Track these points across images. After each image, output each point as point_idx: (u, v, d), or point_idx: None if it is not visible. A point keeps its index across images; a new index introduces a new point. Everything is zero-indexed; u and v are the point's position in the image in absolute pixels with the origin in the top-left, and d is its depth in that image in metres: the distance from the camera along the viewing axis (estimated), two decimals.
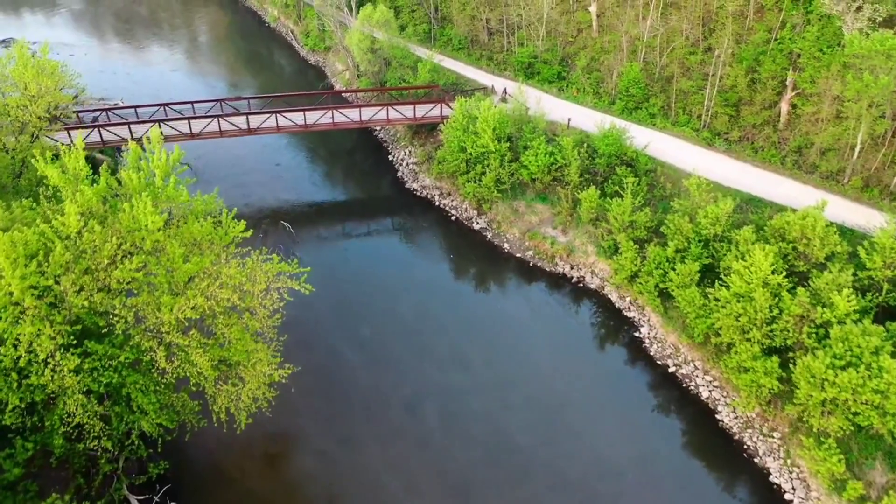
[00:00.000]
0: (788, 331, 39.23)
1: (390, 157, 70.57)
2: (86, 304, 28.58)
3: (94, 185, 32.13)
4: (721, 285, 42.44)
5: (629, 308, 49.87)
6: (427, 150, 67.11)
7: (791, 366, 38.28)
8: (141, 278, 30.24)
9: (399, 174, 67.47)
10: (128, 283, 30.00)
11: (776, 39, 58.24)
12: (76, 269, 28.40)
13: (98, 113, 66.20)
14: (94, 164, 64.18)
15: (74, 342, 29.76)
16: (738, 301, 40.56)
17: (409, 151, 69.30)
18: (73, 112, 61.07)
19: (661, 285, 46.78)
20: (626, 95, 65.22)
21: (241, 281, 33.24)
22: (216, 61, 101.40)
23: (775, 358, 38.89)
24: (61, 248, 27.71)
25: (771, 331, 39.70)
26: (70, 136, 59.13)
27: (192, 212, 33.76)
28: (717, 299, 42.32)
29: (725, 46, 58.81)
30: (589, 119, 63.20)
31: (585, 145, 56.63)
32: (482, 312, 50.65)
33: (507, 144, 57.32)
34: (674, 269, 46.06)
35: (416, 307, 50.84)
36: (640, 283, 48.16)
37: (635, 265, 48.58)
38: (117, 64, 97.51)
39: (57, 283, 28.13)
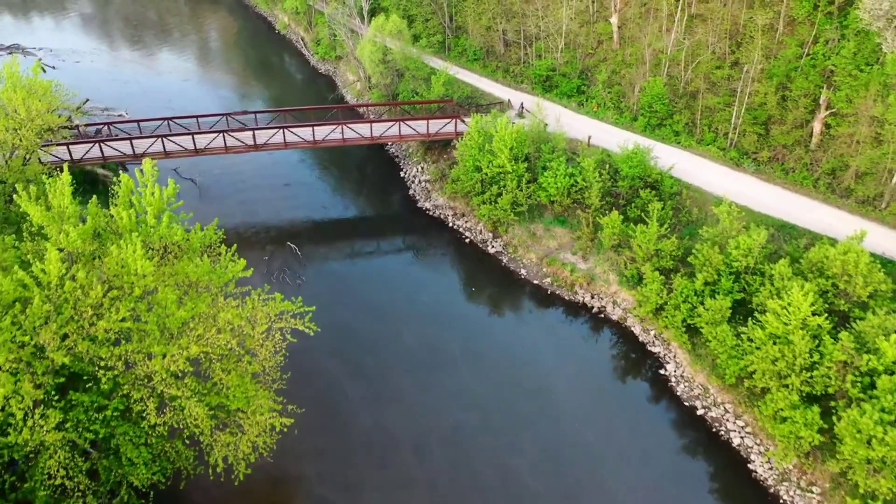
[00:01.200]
0: (830, 378, 36.29)
1: (402, 174, 67.96)
2: (68, 357, 26.13)
3: (84, 218, 29.60)
4: (755, 324, 39.56)
5: (653, 343, 47.01)
6: (440, 168, 64.47)
7: (834, 417, 35.36)
8: (131, 326, 27.74)
9: (411, 192, 64.84)
10: (116, 333, 27.50)
11: (808, 55, 55.25)
12: (58, 319, 25.96)
13: (100, 126, 63.87)
14: (94, 180, 62.31)
15: (56, 397, 27.33)
16: (775, 343, 37.67)
17: (422, 168, 66.68)
18: (74, 126, 58.78)
19: (689, 321, 43.91)
20: (648, 111, 62.38)
21: (240, 325, 30.71)
22: (225, 69, 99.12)
23: (816, 407, 35.99)
24: (40, 299, 25.29)
25: (811, 377, 36.77)
26: (70, 151, 56.98)
27: (189, 249, 31.20)
28: (750, 339, 39.45)
29: (755, 62, 55.84)
30: (610, 136, 60.47)
31: (607, 166, 53.78)
32: (495, 344, 47.80)
33: (525, 165, 54.60)
34: (703, 304, 43.21)
35: (425, 337, 48.17)
36: (666, 318, 45.29)
37: (661, 297, 45.72)
38: (125, 71, 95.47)
39: (35, 335, 25.67)
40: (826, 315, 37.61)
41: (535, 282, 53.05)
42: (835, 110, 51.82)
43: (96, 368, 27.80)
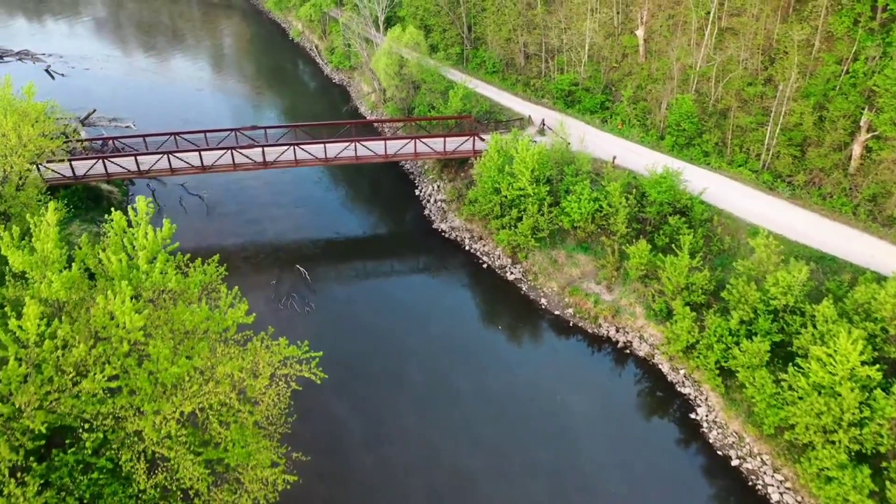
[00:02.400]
0: (882, 436, 33.27)
1: (417, 192, 65.28)
2: (47, 423, 23.66)
3: (72, 258, 27.12)
4: (797, 371, 36.59)
5: (683, 383, 44.05)
6: (457, 187, 61.74)
7: (886, 480, 32.35)
8: (120, 383, 25.24)
9: (426, 212, 62.15)
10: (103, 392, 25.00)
11: (847, 73, 52.07)
12: (36, 379, 23.51)
13: (104, 141, 61.67)
14: (98, 196, 60.10)
15: (36, 459, 24.87)
16: (819, 394, 34.72)
17: (438, 186, 63.99)
18: (78, 140, 56.61)
19: (724, 363, 40.94)
20: (676, 130, 59.37)
21: (240, 377, 28.17)
22: (238, 77, 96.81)
23: (866, 468, 33.00)
24: (15, 361, 22.82)
25: (860, 433, 33.76)
26: (72, 167, 54.80)
27: (186, 294, 28.67)
28: (791, 388, 36.49)
29: (792, 80, 52.70)
30: (636, 156, 57.58)
31: (634, 190, 50.85)
32: (511, 380, 44.82)
33: (547, 187, 51.79)
34: (738, 345, 40.29)
35: (435, 370, 45.35)
36: (698, 358, 42.32)
37: (692, 336, 42.76)
38: (136, 79, 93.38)
39: (10, 399, 23.22)
40: (876, 364, 34.58)
41: (557, 312, 50.19)
42: (877, 133, 48.66)
43: (81, 428, 25.30)
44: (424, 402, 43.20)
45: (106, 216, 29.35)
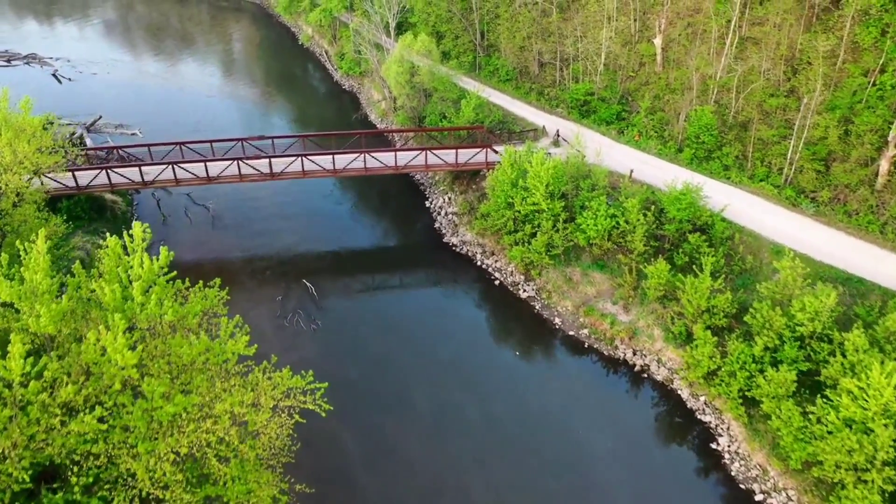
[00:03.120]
0: None
1: (427, 204, 63.64)
2: (31, 471, 22.17)
3: (61, 294, 25.64)
4: (826, 403, 34.77)
5: (703, 410, 42.24)
6: (469, 199, 60.11)
7: None
8: (113, 422, 23.75)
9: (437, 225, 60.51)
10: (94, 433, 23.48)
11: (875, 85, 50.14)
12: (21, 421, 22.04)
13: (108, 151, 60.42)
14: (102, 206, 58.82)
15: (24, 500, 23.43)
16: (851, 429, 32.89)
17: (449, 199, 62.36)
18: (78, 155, 55.26)
19: (747, 392, 39.12)
20: (695, 142, 57.54)
21: (241, 412, 26.65)
22: (247, 82, 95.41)
23: None
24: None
25: (895, 473, 31.93)
26: (75, 177, 53.57)
27: (184, 322, 27.17)
28: (820, 420, 34.67)
29: (817, 92, 50.78)
30: (653, 169, 55.84)
31: (653, 206, 49.02)
32: (522, 405, 42.97)
33: (562, 203, 50.07)
34: (762, 372, 38.50)
35: (443, 395, 43.53)
36: (720, 385, 40.48)
37: (713, 362, 40.94)
38: (144, 84, 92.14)
39: None
40: None
41: (571, 333, 48.45)
42: None
43: (70, 471, 23.82)
44: (432, 429, 41.53)
45: (102, 242, 27.82)
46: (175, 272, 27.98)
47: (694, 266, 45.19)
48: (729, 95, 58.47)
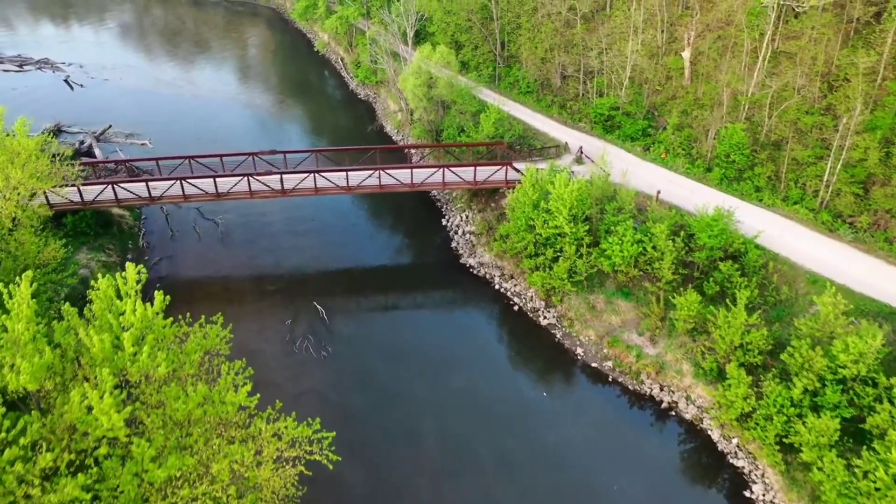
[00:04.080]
0: None
1: (444, 221, 61.33)
2: None
3: (49, 342, 23.50)
4: (873, 455, 32.11)
5: (736, 454, 39.61)
6: (487, 219, 57.74)
7: None
8: (99, 488, 21.65)
9: (453, 244, 58.15)
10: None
11: None
12: None
13: (115, 165, 58.70)
14: (108, 221, 57.03)
15: None
16: None
17: (467, 217, 60.00)
18: (88, 163, 53.64)
19: (786, 439, 36.47)
20: (725, 162, 54.89)
21: (241, 471, 24.48)
22: (261, 89, 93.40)
23: None
24: None
25: None
26: (80, 192, 51.78)
27: (180, 373, 25.03)
28: (867, 475, 32.01)
29: (857, 111, 47.98)
30: (681, 189, 53.35)
31: (682, 232, 46.38)
32: (538, 443, 40.43)
33: (586, 226, 47.58)
34: (800, 417, 35.87)
35: (454, 431, 41.10)
36: (755, 429, 37.83)
37: (748, 403, 38.31)
38: (157, 91, 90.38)
39: None
40: None
41: (594, 365, 45.94)
42: None
43: None
44: (442, 466, 39.16)
45: (92, 282, 25.71)
46: (171, 319, 25.75)
47: (726, 297, 42.62)
48: (761, 112, 55.77)
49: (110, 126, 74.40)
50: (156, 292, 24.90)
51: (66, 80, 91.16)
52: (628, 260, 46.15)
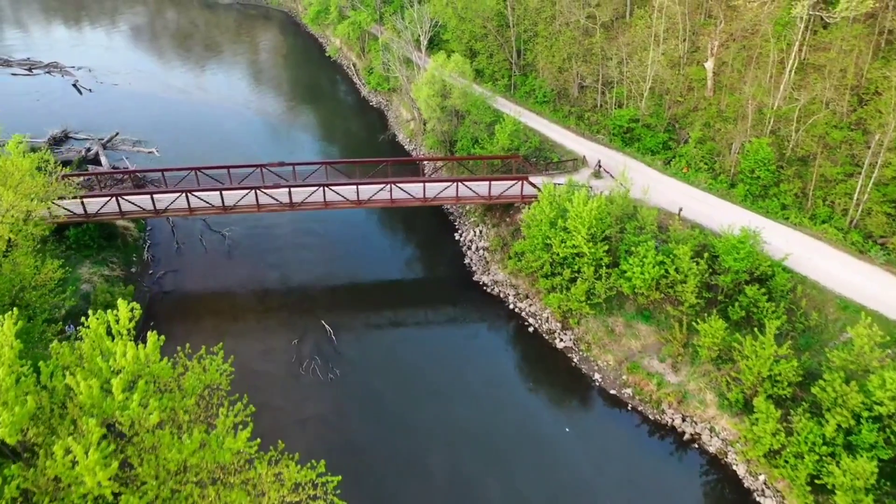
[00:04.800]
0: None
1: (457, 236, 59.50)
2: None
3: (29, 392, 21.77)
4: None
5: (763, 491, 37.51)
6: (501, 234, 55.90)
7: None
8: None
9: (466, 260, 56.30)
10: None
11: None
12: None
13: (120, 175, 57.31)
14: (112, 234, 55.59)
15: None
16: None
17: (480, 232, 58.14)
18: (91, 174, 52.21)
19: (818, 480, 34.41)
20: (749, 177, 52.82)
21: None
22: (271, 95, 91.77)
23: None
24: None
25: None
26: (84, 204, 50.39)
27: (175, 417, 23.33)
28: None
29: (890, 127, 45.77)
30: (703, 205, 51.41)
31: (706, 253, 44.32)
32: (552, 478, 38.34)
33: (605, 246, 45.60)
34: (834, 456, 33.82)
35: (465, 465, 39.06)
36: (785, 467, 35.78)
37: (777, 439, 36.26)
38: (166, 95, 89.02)
39: None
40: None
41: (612, 392, 43.96)
42: None
43: None
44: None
45: (83, 319, 24.05)
46: (166, 358, 24.02)
47: (751, 322, 40.65)
48: (788, 126, 53.64)
49: (117, 133, 73.07)
50: (150, 334, 23.20)
51: (74, 85, 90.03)
52: (649, 283, 44.17)
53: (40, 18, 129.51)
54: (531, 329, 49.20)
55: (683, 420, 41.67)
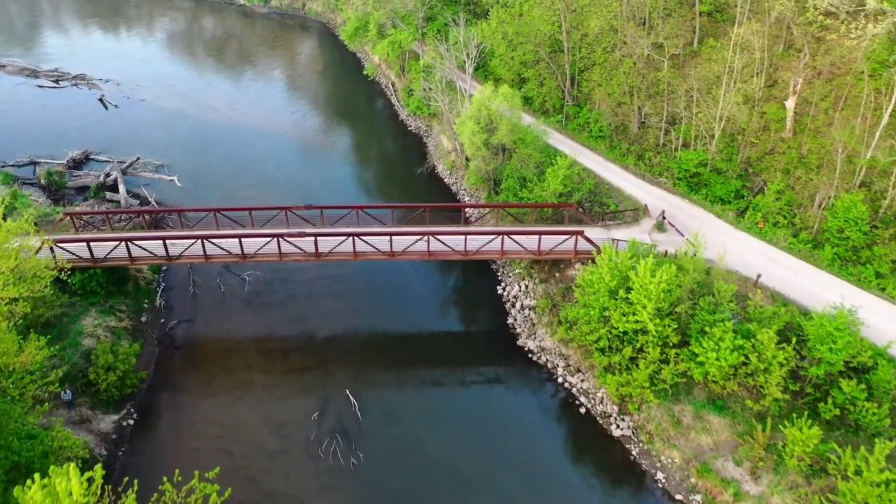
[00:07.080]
0: None
1: (500, 289, 53.49)
2: None
3: None
4: None
5: None
6: (550, 292, 49.83)
7: None
8: None
9: (510, 320, 50.25)
10: None
11: None
12: None
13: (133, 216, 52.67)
14: (122, 278, 50.91)
15: None
16: None
17: (526, 287, 52.03)
18: (104, 212, 47.59)
19: None
20: (838, 238, 46.08)
21: None
22: (305, 114, 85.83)
23: None
24: None
25: None
26: (90, 249, 45.70)
27: None
28: None
29: None
30: (784, 270, 45.19)
31: (794, 338, 37.72)
32: None
33: (675, 324, 39.23)
34: None
35: None
36: None
37: None
38: (194, 113, 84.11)
39: None
40: None
41: (679, 497, 37.53)
42: None
43: None
44: None
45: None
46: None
47: (846, 421, 34.17)
48: (884, 180, 46.79)
49: (138, 158, 68.52)
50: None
51: (100, 99, 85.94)
52: (726, 371, 37.74)
53: (76, 23, 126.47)
54: (583, 409, 43.04)
55: None
